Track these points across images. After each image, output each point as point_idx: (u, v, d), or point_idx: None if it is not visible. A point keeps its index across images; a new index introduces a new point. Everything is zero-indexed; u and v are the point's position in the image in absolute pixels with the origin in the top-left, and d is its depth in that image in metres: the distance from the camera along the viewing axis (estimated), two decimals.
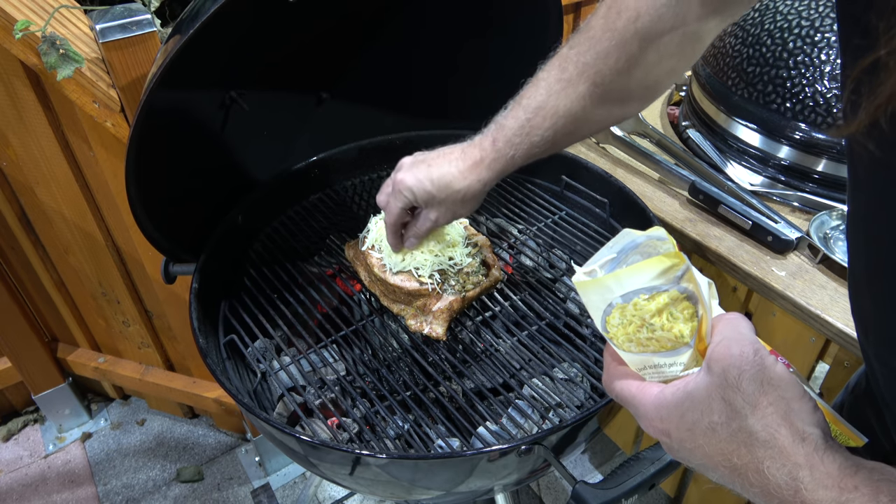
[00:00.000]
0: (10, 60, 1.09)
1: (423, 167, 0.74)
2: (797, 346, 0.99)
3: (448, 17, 1.02)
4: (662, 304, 0.42)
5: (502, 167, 0.73)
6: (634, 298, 0.42)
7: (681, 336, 0.42)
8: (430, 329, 0.82)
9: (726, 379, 0.38)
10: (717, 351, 0.39)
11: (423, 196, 0.74)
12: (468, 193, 0.74)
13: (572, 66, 0.67)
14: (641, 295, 0.42)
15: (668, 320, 0.42)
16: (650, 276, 0.42)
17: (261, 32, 0.89)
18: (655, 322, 0.42)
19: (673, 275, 0.42)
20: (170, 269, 0.93)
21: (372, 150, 1.13)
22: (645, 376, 0.44)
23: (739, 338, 0.39)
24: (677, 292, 0.42)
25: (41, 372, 1.68)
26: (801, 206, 1.09)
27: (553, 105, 0.68)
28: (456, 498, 0.79)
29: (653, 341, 0.43)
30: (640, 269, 0.42)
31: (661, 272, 0.42)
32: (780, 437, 0.37)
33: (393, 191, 0.77)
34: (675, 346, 0.42)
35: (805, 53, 1.04)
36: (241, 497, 1.64)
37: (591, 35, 0.65)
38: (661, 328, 0.42)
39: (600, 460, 1.69)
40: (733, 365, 0.38)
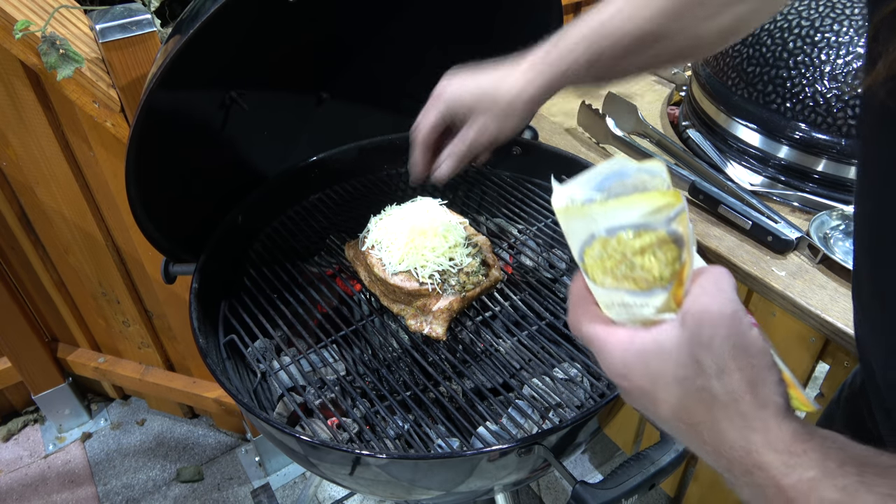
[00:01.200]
0: (10, 60, 1.09)
1: (466, 75, 0.68)
2: (797, 346, 0.99)
3: (448, 16, 1.02)
4: (647, 244, 0.39)
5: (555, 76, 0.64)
6: (620, 233, 0.40)
7: (660, 278, 0.39)
8: (430, 329, 0.83)
9: (699, 336, 0.37)
10: (694, 305, 0.38)
11: (468, 101, 0.66)
12: (515, 102, 0.65)
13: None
14: (628, 230, 0.40)
15: (650, 261, 0.40)
16: (641, 212, 0.39)
17: (261, 32, 0.89)
18: (636, 260, 0.40)
19: (665, 215, 0.39)
20: (170, 269, 0.93)
21: (372, 150, 1.13)
22: (611, 314, 0.42)
23: (719, 295, 0.38)
24: (665, 234, 0.39)
25: (41, 372, 1.68)
26: (801, 206, 1.09)
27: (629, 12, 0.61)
28: (456, 498, 0.79)
29: (629, 279, 0.40)
30: (632, 204, 0.40)
31: (653, 210, 0.39)
32: (743, 404, 0.37)
33: (432, 100, 0.69)
34: (650, 288, 0.40)
35: (805, 53, 1.04)
36: (241, 497, 1.64)
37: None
38: (642, 267, 0.40)
39: (600, 460, 1.69)
40: (708, 323, 0.37)
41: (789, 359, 1.01)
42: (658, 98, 1.43)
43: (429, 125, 0.69)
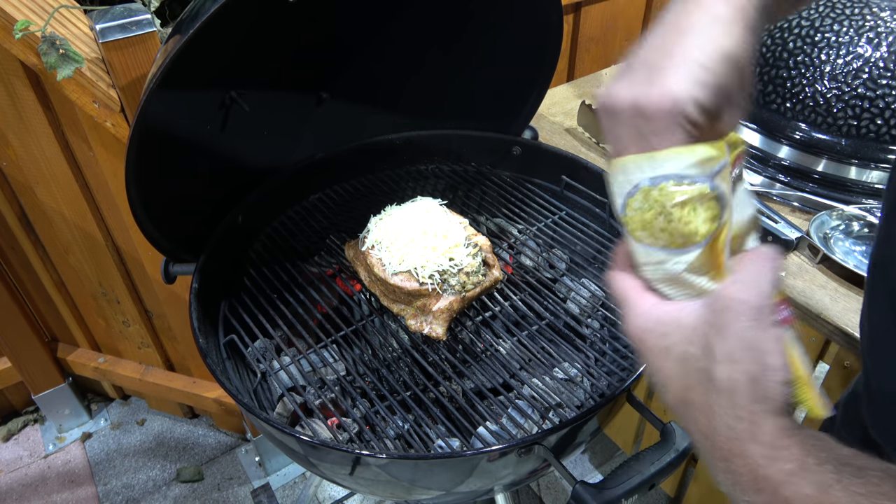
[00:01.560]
0: (10, 60, 1.09)
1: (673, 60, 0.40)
2: None
3: (448, 16, 1.02)
4: (688, 196, 0.39)
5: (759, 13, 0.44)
6: (663, 183, 0.39)
7: (695, 233, 0.39)
8: (430, 329, 0.83)
9: (717, 321, 0.38)
10: (725, 290, 0.38)
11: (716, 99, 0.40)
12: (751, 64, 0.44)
13: None
14: (671, 181, 0.39)
15: (688, 213, 0.39)
16: (686, 163, 0.38)
17: (261, 32, 0.89)
18: (675, 212, 0.39)
19: (710, 168, 0.38)
20: (170, 269, 0.93)
21: (372, 150, 1.13)
22: (646, 272, 0.43)
23: (752, 288, 0.38)
24: (708, 188, 0.39)
25: (41, 372, 1.68)
26: (801, 206, 1.09)
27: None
28: (456, 498, 0.79)
29: (665, 233, 0.40)
30: (678, 154, 0.38)
31: (697, 161, 0.38)
32: (738, 395, 0.37)
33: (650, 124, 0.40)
34: (685, 245, 0.40)
35: (805, 53, 1.04)
36: (241, 497, 1.64)
37: None
38: (679, 220, 0.39)
39: (600, 460, 1.70)
40: (731, 309, 0.37)
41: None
42: None
43: None
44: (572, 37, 1.66)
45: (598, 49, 1.73)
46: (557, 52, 1.03)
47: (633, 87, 0.40)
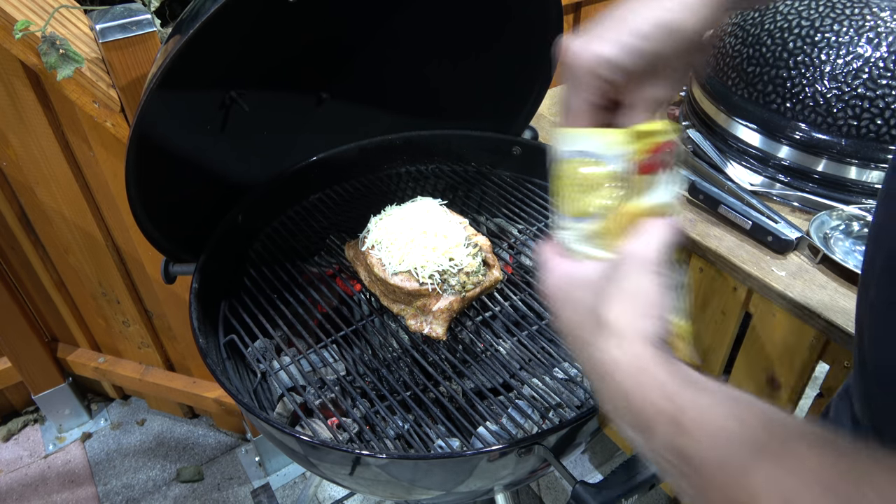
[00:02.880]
0: (10, 60, 1.09)
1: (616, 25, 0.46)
2: (797, 346, 0.99)
3: (448, 16, 1.02)
4: (595, 175, 0.45)
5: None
6: (576, 157, 0.46)
7: (594, 205, 0.46)
8: (430, 329, 0.83)
9: (616, 271, 0.44)
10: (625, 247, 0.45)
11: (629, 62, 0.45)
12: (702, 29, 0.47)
13: None
14: (586, 158, 0.46)
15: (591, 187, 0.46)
16: (596, 143, 0.45)
17: (261, 32, 0.89)
18: (585, 185, 0.46)
19: (615, 151, 0.45)
20: (170, 269, 0.93)
21: (372, 150, 1.13)
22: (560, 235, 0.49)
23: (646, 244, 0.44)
24: (612, 170, 0.45)
25: (41, 372, 1.68)
26: (801, 206, 1.09)
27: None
28: (456, 498, 0.79)
29: (571, 202, 0.47)
30: (595, 135, 0.45)
31: (606, 143, 0.45)
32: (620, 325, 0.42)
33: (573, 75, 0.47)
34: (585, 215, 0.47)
35: (805, 53, 1.04)
36: (241, 497, 1.64)
37: None
38: (582, 192, 0.46)
39: (600, 460, 1.69)
40: (627, 263, 0.44)
41: (789, 359, 1.01)
42: None
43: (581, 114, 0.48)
44: None
45: None
46: None
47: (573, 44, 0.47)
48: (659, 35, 0.46)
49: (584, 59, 0.46)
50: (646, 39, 0.46)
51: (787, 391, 1.05)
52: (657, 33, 0.46)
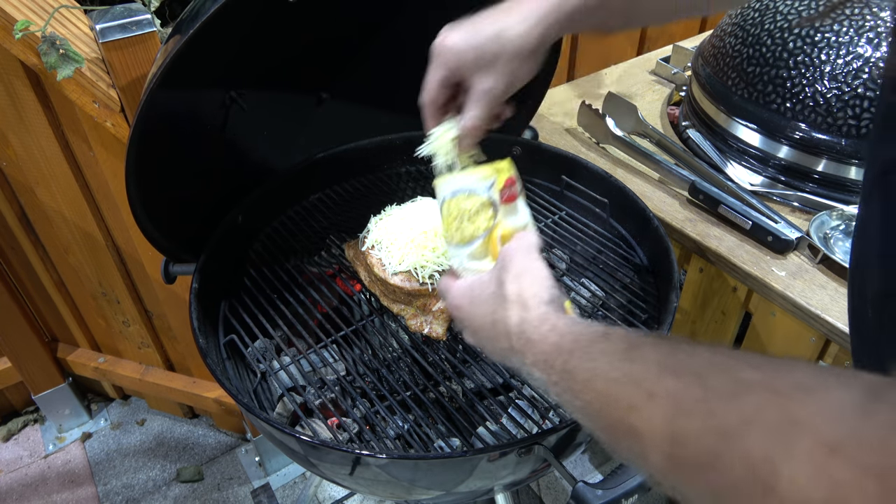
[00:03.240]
0: (10, 60, 1.09)
1: (467, 24, 0.62)
2: (797, 346, 0.99)
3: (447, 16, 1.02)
4: (473, 205, 0.58)
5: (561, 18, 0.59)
6: (458, 195, 0.59)
7: (478, 229, 0.58)
8: (430, 329, 0.83)
9: (503, 264, 0.55)
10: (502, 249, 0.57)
11: (470, 54, 0.60)
12: (527, 42, 0.59)
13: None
14: (463, 194, 0.59)
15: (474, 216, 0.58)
16: (472, 179, 0.59)
17: (261, 32, 0.89)
18: (465, 216, 0.58)
19: (486, 183, 0.58)
20: (170, 269, 0.93)
21: (372, 150, 1.13)
22: (454, 264, 0.61)
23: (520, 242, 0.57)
24: (486, 198, 0.58)
25: (41, 372, 1.68)
26: (801, 206, 1.09)
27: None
28: (456, 498, 0.79)
29: (459, 233, 0.59)
30: (467, 174, 0.59)
31: (478, 178, 0.59)
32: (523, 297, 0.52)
33: (432, 60, 0.63)
34: (471, 239, 0.58)
35: (805, 53, 1.04)
36: (241, 497, 1.64)
37: None
38: (468, 220, 0.58)
39: (600, 460, 1.69)
40: (508, 255, 0.55)
41: None
42: (658, 98, 1.43)
43: (434, 87, 0.63)
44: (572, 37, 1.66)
45: (598, 49, 1.73)
46: (557, 52, 1.03)
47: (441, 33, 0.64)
48: (493, 38, 0.60)
49: (441, 45, 0.63)
50: (483, 39, 0.60)
51: None
52: (492, 37, 0.60)
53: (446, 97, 0.65)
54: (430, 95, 0.64)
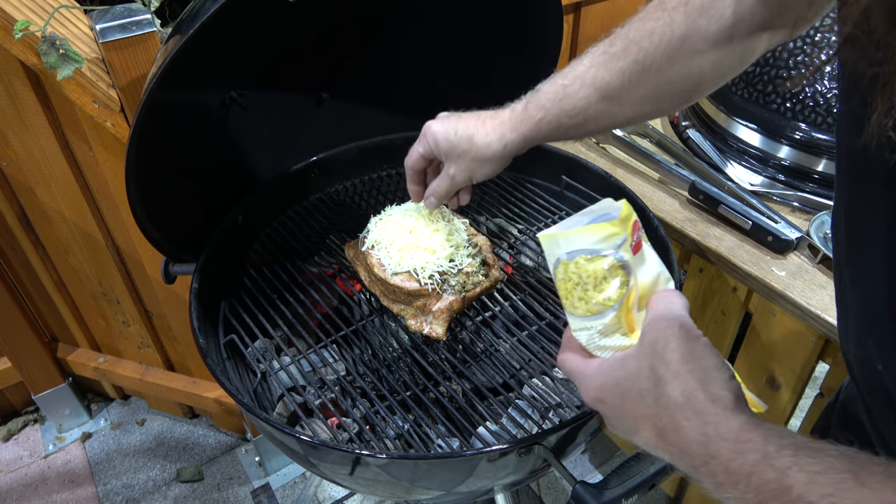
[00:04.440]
0: (10, 60, 1.09)
1: (453, 119, 0.75)
2: (797, 346, 0.99)
3: (447, 17, 1.02)
4: (599, 268, 0.46)
5: (528, 131, 0.71)
6: (577, 257, 0.47)
7: (608, 299, 0.46)
8: (430, 329, 0.83)
9: (654, 350, 0.43)
10: (648, 325, 0.45)
11: (444, 145, 0.74)
12: (487, 151, 0.72)
13: (619, 42, 0.66)
14: (584, 255, 0.47)
15: (601, 283, 0.46)
16: (594, 239, 0.46)
17: (261, 32, 0.89)
18: (590, 282, 0.46)
19: (613, 242, 0.46)
20: (170, 269, 0.93)
21: (372, 150, 1.13)
22: (581, 339, 0.49)
23: (668, 314, 0.45)
24: (615, 259, 0.46)
25: (41, 372, 1.68)
26: (801, 206, 1.09)
27: (592, 75, 0.66)
28: (456, 498, 0.79)
29: (583, 302, 0.47)
30: (587, 232, 0.47)
31: (603, 237, 0.46)
32: (696, 401, 0.41)
33: (420, 137, 0.78)
34: (602, 310, 0.47)
35: (805, 53, 1.04)
36: (241, 497, 1.64)
37: (643, 15, 0.65)
38: (594, 289, 0.46)
39: (600, 460, 1.69)
40: (660, 337, 0.44)
41: (789, 359, 1.01)
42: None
43: (415, 158, 0.79)
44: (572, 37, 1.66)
45: None
46: (557, 52, 1.03)
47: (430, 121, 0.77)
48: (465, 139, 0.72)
49: (427, 128, 0.76)
50: (457, 138, 0.73)
51: (787, 391, 1.05)
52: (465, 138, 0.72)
53: (424, 166, 0.81)
54: (411, 161, 0.80)
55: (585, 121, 0.69)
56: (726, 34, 0.61)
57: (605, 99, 0.67)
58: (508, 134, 0.72)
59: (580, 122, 0.69)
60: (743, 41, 0.61)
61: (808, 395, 1.07)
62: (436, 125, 0.75)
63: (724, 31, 0.61)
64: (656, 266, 0.49)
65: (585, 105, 0.67)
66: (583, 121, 0.69)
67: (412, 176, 0.82)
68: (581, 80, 0.67)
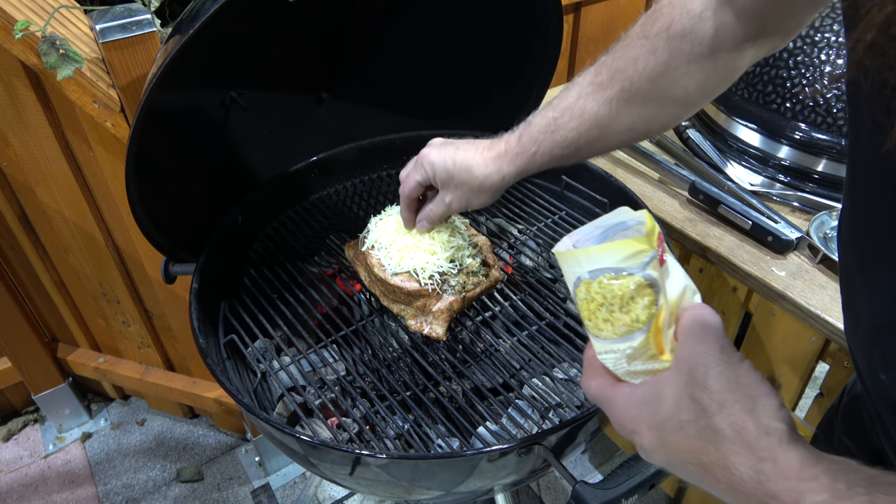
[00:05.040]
0: (10, 60, 1.09)
1: (450, 148, 0.75)
2: (797, 346, 0.99)
3: (447, 17, 1.02)
4: (625, 287, 0.42)
5: (524, 163, 0.73)
6: (600, 276, 0.43)
7: (636, 320, 0.42)
8: (430, 329, 0.83)
9: (693, 377, 0.39)
10: (683, 348, 0.41)
11: (442, 174, 0.75)
12: (486, 183, 0.74)
13: (605, 71, 0.67)
14: (608, 274, 0.42)
15: (628, 303, 0.42)
16: (619, 257, 0.42)
17: (261, 32, 0.89)
18: (615, 303, 0.42)
19: (640, 260, 0.41)
20: (170, 269, 0.93)
21: (372, 150, 1.13)
22: (607, 362, 0.45)
23: (705, 334, 0.41)
24: (641, 278, 0.41)
25: (41, 372, 1.68)
26: (801, 206, 1.09)
27: (581, 106, 0.68)
28: (456, 498, 0.79)
29: (608, 323, 0.43)
30: (611, 249, 0.42)
31: (629, 255, 0.42)
32: (746, 433, 0.37)
33: (415, 164, 0.78)
34: (629, 332, 0.42)
35: (805, 53, 1.04)
36: (241, 497, 1.64)
37: (626, 42, 0.66)
38: (620, 309, 0.42)
39: (600, 460, 1.69)
40: (700, 363, 0.39)
41: (789, 359, 1.01)
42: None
43: (412, 185, 0.79)
44: (572, 37, 1.66)
45: (598, 49, 1.73)
46: (557, 52, 1.03)
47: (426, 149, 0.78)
48: (463, 169, 0.74)
49: (425, 156, 0.76)
50: (455, 167, 0.74)
51: (787, 391, 1.05)
52: (462, 168, 0.74)
53: (420, 193, 0.81)
54: (408, 189, 0.80)
55: (578, 150, 0.70)
56: (709, 55, 0.61)
57: (594, 128, 0.68)
58: (506, 167, 0.73)
59: (573, 151, 0.70)
60: (726, 60, 0.62)
61: (808, 395, 1.07)
62: (433, 154, 0.75)
63: (707, 53, 0.61)
64: (682, 278, 0.45)
65: (576, 136, 0.69)
66: (575, 150, 0.70)
67: (408, 204, 0.82)
68: (570, 112, 0.69)
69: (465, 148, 0.75)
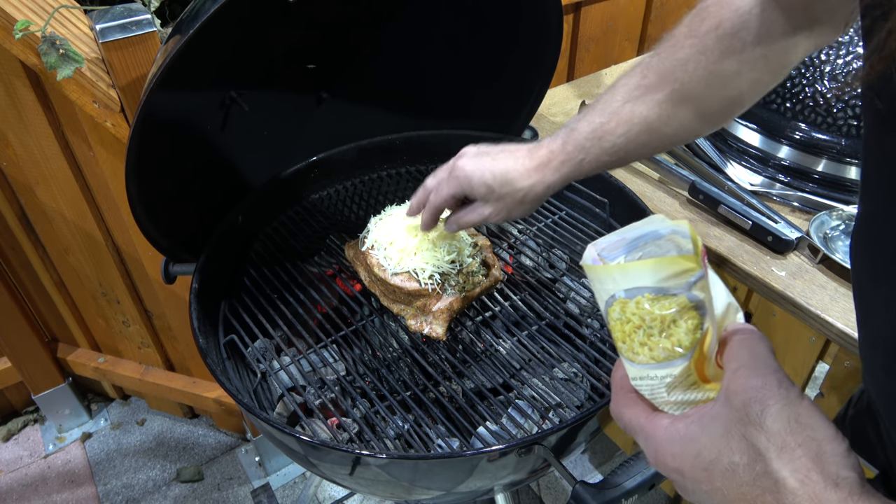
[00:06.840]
0: (10, 60, 1.09)
1: (486, 159, 0.71)
2: (797, 346, 0.99)
3: (447, 17, 1.02)
4: (667, 310, 0.37)
5: (569, 171, 0.69)
6: (638, 296, 0.38)
7: (678, 345, 0.37)
8: (430, 329, 0.83)
9: (748, 414, 0.34)
10: (735, 381, 0.36)
11: (480, 188, 0.71)
12: (529, 194, 0.70)
13: (652, 74, 0.64)
14: (647, 294, 0.37)
15: (669, 328, 0.37)
16: (661, 275, 0.37)
17: (261, 32, 0.89)
18: (655, 326, 0.38)
19: (685, 280, 0.37)
20: (170, 269, 0.93)
21: (372, 150, 1.13)
22: (641, 388, 0.41)
23: (759, 365, 0.36)
24: (686, 299, 0.37)
25: (41, 372, 1.68)
26: (801, 206, 1.09)
27: (629, 110, 0.65)
28: (456, 498, 0.79)
29: (646, 348, 0.38)
30: (651, 266, 0.37)
31: (673, 274, 0.37)
32: (812, 484, 0.32)
33: (449, 175, 0.74)
34: (669, 358, 0.38)
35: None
36: (241, 497, 1.64)
37: (673, 43, 0.64)
38: (660, 333, 0.38)
39: (600, 460, 1.69)
40: (755, 398, 0.34)
41: (789, 359, 1.01)
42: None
43: (445, 197, 0.75)
44: (572, 37, 1.66)
45: (598, 49, 1.73)
46: (557, 52, 1.03)
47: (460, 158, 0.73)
48: (503, 182, 0.70)
49: (460, 169, 0.72)
50: (494, 180, 0.70)
51: None
52: (503, 180, 0.70)
53: (451, 206, 0.77)
54: (440, 200, 0.76)
55: (626, 154, 0.67)
56: (761, 52, 0.59)
57: (644, 132, 0.66)
58: (549, 176, 0.69)
59: (621, 157, 0.68)
60: (778, 55, 0.60)
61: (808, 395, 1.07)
62: (469, 165, 0.71)
63: (758, 50, 0.59)
64: (724, 295, 0.40)
65: (625, 141, 0.66)
66: (624, 155, 0.67)
67: (435, 214, 0.78)
68: (618, 117, 0.66)
69: (503, 158, 0.71)
